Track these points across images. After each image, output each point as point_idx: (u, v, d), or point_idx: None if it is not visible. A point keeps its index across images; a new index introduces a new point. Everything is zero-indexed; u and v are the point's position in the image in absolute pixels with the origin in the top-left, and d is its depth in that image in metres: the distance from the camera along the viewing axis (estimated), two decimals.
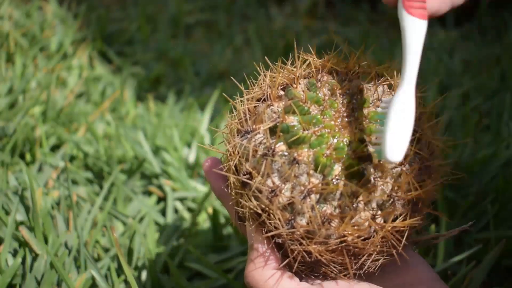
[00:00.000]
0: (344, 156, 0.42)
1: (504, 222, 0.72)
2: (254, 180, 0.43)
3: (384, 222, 0.43)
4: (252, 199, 0.44)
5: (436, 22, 1.39)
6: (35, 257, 0.65)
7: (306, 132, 0.43)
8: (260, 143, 0.44)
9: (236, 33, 1.36)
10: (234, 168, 0.45)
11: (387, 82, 0.47)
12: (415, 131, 0.44)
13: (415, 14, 0.45)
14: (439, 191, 0.46)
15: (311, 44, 1.40)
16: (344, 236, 0.42)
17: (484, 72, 1.15)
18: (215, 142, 0.92)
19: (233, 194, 0.46)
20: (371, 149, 0.43)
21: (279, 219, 0.43)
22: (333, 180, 0.42)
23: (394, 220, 0.43)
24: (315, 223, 0.42)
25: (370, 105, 0.45)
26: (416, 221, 0.43)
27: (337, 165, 0.42)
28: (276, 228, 0.43)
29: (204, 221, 0.79)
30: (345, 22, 1.45)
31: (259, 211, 0.43)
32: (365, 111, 0.45)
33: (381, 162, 0.43)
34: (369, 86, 0.47)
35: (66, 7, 1.30)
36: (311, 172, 0.42)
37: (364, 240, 0.43)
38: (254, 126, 0.45)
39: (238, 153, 0.45)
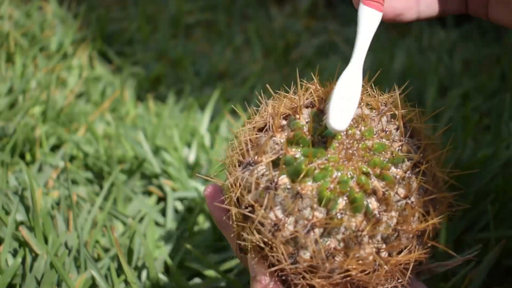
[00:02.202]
0: (348, 189, 0.42)
1: (504, 222, 0.72)
2: (256, 214, 0.43)
3: (389, 255, 0.43)
4: (255, 232, 0.43)
5: (436, 22, 1.39)
6: (35, 257, 0.65)
7: (310, 165, 0.42)
8: (262, 175, 0.43)
9: (236, 33, 1.36)
10: (235, 201, 0.45)
11: (391, 112, 0.47)
12: (420, 163, 0.44)
13: (371, 5, 0.50)
14: (444, 223, 0.46)
15: (311, 44, 1.39)
16: (348, 270, 0.42)
17: (484, 72, 1.15)
18: (215, 143, 0.92)
19: (235, 226, 0.45)
20: (376, 182, 0.42)
21: (282, 253, 0.42)
22: (337, 215, 0.41)
23: (399, 253, 0.43)
24: (319, 257, 0.42)
25: (374, 136, 0.45)
26: (421, 254, 0.43)
27: (341, 199, 0.42)
28: (279, 262, 0.42)
29: (204, 221, 0.79)
30: (345, 22, 1.45)
31: (262, 245, 0.43)
32: (369, 143, 0.44)
33: (333, 139, 0.43)
34: (373, 116, 0.46)
35: (66, 7, 1.30)
36: (315, 206, 0.42)
37: (368, 274, 0.42)
38: (256, 158, 0.44)
39: (240, 185, 0.44)
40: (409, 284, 0.45)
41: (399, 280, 0.44)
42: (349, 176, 0.42)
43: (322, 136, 0.44)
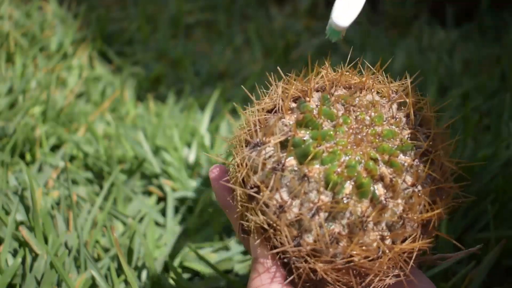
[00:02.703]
0: (356, 174, 0.41)
1: (504, 222, 0.72)
2: (261, 194, 0.42)
3: (393, 243, 0.43)
4: (259, 213, 0.43)
5: (436, 22, 1.39)
6: (35, 257, 0.65)
7: (318, 148, 0.42)
8: (270, 156, 0.43)
9: (236, 33, 1.36)
10: (241, 181, 0.44)
11: (402, 99, 0.46)
12: (428, 152, 0.44)
13: None
14: (449, 213, 0.45)
15: (311, 44, 1.39)
16: (351, 256, 0.41)
17: (484, 72, 1.15)
18: (215, 143, 0.92)
19: (239, 206, 0.45)
20: (383, 168, 0.42)
21: (286, 235, 0.42)
22: (343, 199, 0.41)
23: (403, 241, 0.43)
24: (322, 241, 0.41)
25: (384, 122, 0.45)
26: (425, 243, 0.43)
27: (348, 183, 0.41)
28: (282, 244, 0.42)
29: (204, 221, 0.79)
30: None
31: (266, 226, 0.43)
32: (379, 129, 0.44)
33: (328, 36, 0.42)
34: (384, 103, 0.46)
35: (66, 7, 1.30)
36: (321, 189, 0.41)
37: (371, 260, 0.42)
38: (264, 139, 0.44)
39: (247, 165, 0.44)
40: (413, 274, 0.44)
41: (402, 270, 0.43)
42: (357, 160, 0.42)
43: (332, 120, 0.43)
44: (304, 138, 0.43)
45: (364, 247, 0.42)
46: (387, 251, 0.42)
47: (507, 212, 0.73)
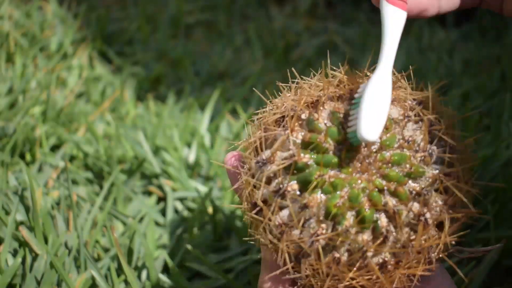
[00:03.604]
0: (358, 205, 0.40)
1: (504, 222, 0.72)
2: (264, 216, 0.42)
3: (396, 267, 0.42)
4: (262, 232, 0.43)
5: (436, 22, 1.39)
6: (35, 257, 0.65)
7: (321, 177, 0.41)
8: (273, 175, 0.43)
9: (236, 33, 1.36)
10: (248, 195, 0.44)
11: (419, 118, 0.44)
12: (441, 178, 0.42)
13: (396, 4, 0.47)
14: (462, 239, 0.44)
15: (311, 44, 1.39)
16: (353, 279, 0.41)
17: (484, 72, 1.15)
18: (215, 143, 0.92)
19: (247, 220, 0.45)
20: (388, 198, 0.41)
21: (286, 258, 0.42)
22: (343, 232, 0.40)
23: (408, 263, 0.42)
24: (320, 268, 0.41)
25: (395, 145, 0.43)
26: (429, 267, 0.42)
27: (349, 213, 0.41)
28: (284, 262, 0.42)
29: (204, 221, 0.79)
30: (345, 22, 1.45)
31: (269, 245, 0.43)
32: (388, 154, 0.42)
33: (354, 146, 0.41)
34: (398, 120, 0.43)
35: (66, 7, 1.30)
36: (321, 218, 0.41)
37: (371, 280, 0.42)
38: (269, 157, 0.43)
39: (250, 183, 0.43)
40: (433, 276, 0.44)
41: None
42: (361, 189, 0.41)
43: (340, 143, 0.42)
44: (308, 163, 0.41)
45: (364, 273, 0.41)
46: (386, 276, 0.41)
47: (507, 212, 0.73)
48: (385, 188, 0.41)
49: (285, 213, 0.42)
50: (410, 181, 0.42)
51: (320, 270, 0.41)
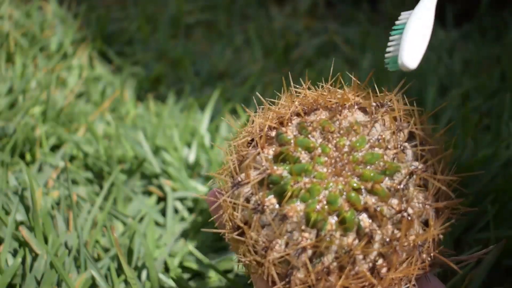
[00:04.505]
0: (337, 208, 0.40)
1: (504, 222, 0.72)
2: (245, 236, 0.42)
3: (388, 269, 0.41)
4: (247, 253, 0.42)
5: (436, 22, 1.39)
6: (35, 257, 0.65)
7: (296, 185, 0.40)
8: (251, 194, 0.42)
9: (236, 33, 1.36)
10: (228, 220, 0.43)
11: (387, 115, 0.44)
12: (416, 171, 0.42)
13: None
14: (448, 230, 0.43)
15: (311, 44, 1.39)
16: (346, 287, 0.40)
17: (484, 72, 1.15)
18: (215, 143, 0.92)
19: (231, 244, 0.44)
20: (367, 197, 0.41)
21: (273, 275, 0.41)
22: (327, 237, 0.40)
23: (401, 263, 0.41)
24: (311, 279, 0.40)
25: (366, 146, 0.43)
26: (422, 267, 0.42)
27: (330, 219, 0.40)
28: (274, 283, 0.41)
29: (204, 221, 0.79)
30: (345, 22, 1.45)
31: (255, 265, 0.42)
32: (360, 154, 0.42)
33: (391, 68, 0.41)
34: (366, 122, 0.44)
35: (66, 7, 1.30)
36: (303, 227, 0.40)
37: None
38: (243, 177, 0.43)
39: (229, 207, 0.43)
40: (422, 277, 0.43)
41: (407, 285, 0.42)
42: (338, 192, 0.40)
43: (311, 151, 0.42)
44: (282, 174, 0.41)
45: (356, 279, 0.40)
46: (377, 283, 0.40)
47: (507, 212, 0.73)
48: (362, 187, 0.41)
49: (267, 230, 0.41)
50: (386, 179, 0.42)
51: (310, 282, 0.40)
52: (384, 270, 0.41)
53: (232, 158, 0.44)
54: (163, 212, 0.82)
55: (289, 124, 0.44)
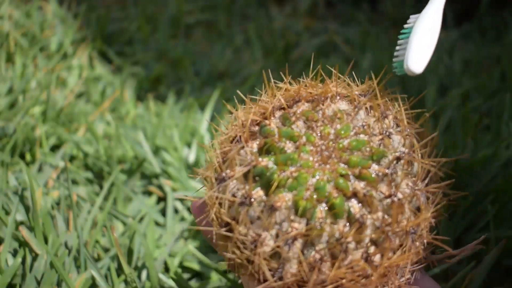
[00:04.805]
0: (326, 195, 0.39)
1: (504, 222, 0.72)
2: (234, 232, 0.41)
3: (382, 258, 0.40)
4: (236, 250, 0.41)
5: None
6: (35, 257, 0.65)
7: (282, 174, 0.40)
8: (238, 189, 0.41)
9: (236, 33, 1.36)
10: (215, 218, 0.42)
11: (370, 103, 0.44)
12: (403, 156, 0.41)
13: None
14: (441, 215, 0.43)
15: (311, 44, 1.39)
16: (340, 279, 0.39)
17: (484, 72, 1.15)
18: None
19: (219, 244, 0.43)
20: (356, 183, 0.40)
21: (264, 271, 0.40)
22: (317, 225, 0.39)
23: (394, 253, 0.41)
24: (304, 271, 0.39)
25: (351, 133, 0.42)
26: (417, 253, 0.41)
27: (319, 207, 0.39)
28: (265, 280, 0.40)
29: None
30: (345, 22, 1.45)
31: (245, 263, 0.41)
32: (346, 141, 0.42)
33: (399, 74, 0.41)
34: (350, 111, 0.44)
35: (66, 7, 1.30)
36: (292, 217, 0.39)
37: (361, 280, 0.40)
38: (228, 172, 0.42)
39: (215, 203, 0.42)
40: (416, 280, 0.43)
41: (402, 279, 0.42)
42: (326, 180, 0.40)
43: (295, 141, 0.42)
44: (268, 166, 0.41)
45: (350, 269, 0.39)
46: (372, 271, 0.40)
47: (507, 212, 0.73)
48: (350, 173, 0.40)
49: (255, 224, 0.40)
50: (373, 164, 0.41)
51: (303, 273, 0.39)
52: (377, 257, 0.40)
53: (216, 154, 0.44)
54: (163, 212, 0.82)
55: (272, 117, 0.44)
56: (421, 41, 0.42)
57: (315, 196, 0.39)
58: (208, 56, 1.25)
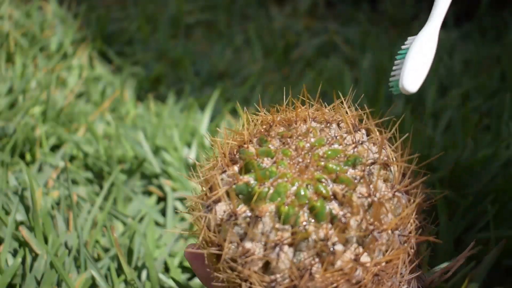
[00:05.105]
0: (306, 201, 0.41)
1: (504, 222, 0.72)
2: (224, 249, 0.41)
3: (370, 257, 0.41)
4: (228, 270, 0.42)
5: None
6: (35, 257, 0.65)
7: (263, 186, 0.41)
8: (223, 211, 0.43)
9: (236, 33, 1.36)
10: (204, 242, 0.43)
11: (340, 119, 0.46)
12: (377, 160, 0.43)
13: None
14: (424, 210, 0.44)
15: (311, 44, 1.39)
16: (332, 284, 0.40)
17: (484, 72, 1.15)
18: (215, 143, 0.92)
19: (212, 267, 0.44)
20: (334, 186, 0.41)
21: (258, 283, 0.40)
22: (301, 228, 0.40)
23: (383, 254, 0.41)
24: (295, 277, 0.40)
25: (325, 144, 0.44)
26: (403, 250, 0.41)
27: (301, 212, 0.40)
28: None
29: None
30: (345, 22, 1.45)
31: (238, 281, 0.41)
32: (321, 152, 0.43)
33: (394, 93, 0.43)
34: (322, 127, 0.46)
35: (66, 7, 1.30)
36: (277, 225, 0.40)
37: (356, 283, 0.40)
38: (213, 197, 0.43)
39: (203, 227, 0.43)
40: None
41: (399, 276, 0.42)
42: (305, 187, 0.41)
43: (273, 157, 0.43)
44: (249, 182, 0.42)
45: (340, 271, 0.40)
46: (362, 270, 0.40)
47: (507, 212, 0.73)
48: (328, 178, 0.42)
49: (244, 241, 0.41)
50: (350, 169, 0.43)
51: (294, 279, 0.40)
52: (365, 258, 0.41)
53: (200, 181, 0.46)
54: (163, 212, 0.82)
55: (250, 143, 0.46)
56: (416, 61, 0.43)
57: (296, 202, 0.41)
58: (208, 56, 1.25)
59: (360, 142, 0.44)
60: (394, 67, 0.45)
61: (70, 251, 0.67)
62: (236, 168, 0.44)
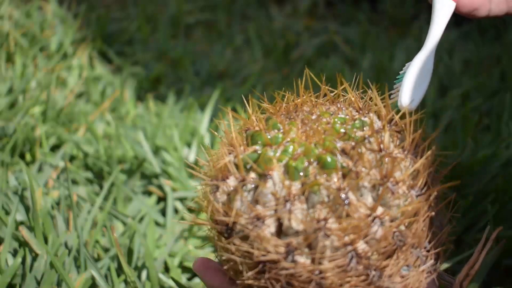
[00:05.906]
0: (316, 155, 0.40)
1: (504, 222, 0.72)
2: (230, 215, 0.40)
3: (386, 213, 0.39)
4: (241, 242, 0.40)
5: None
6: (35, 257, 0.65)
7: (270, 149, 0.41)
8: (232, 185, 0.41)
9: (236, 33, 1.36)
10: (212, 221, 0.42)
11: (345, 97, 0.47)
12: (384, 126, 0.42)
13: None
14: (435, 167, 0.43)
15: (311, 44, 1.39)
16: (351, 242, 0.38)
17: (484, 72, 1.15)
18: (215, 143, 0.92)
19: (222, 259, 0.42)
20: (343, 143, 0.41)
21: (273, 250, 0.38)
22: (311, 179, 0.39)
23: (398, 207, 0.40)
24: (310, 230, 0.38)
25: (331, 115, 0.44)
26: (420, 202, 0.40)
27: (311, 167, 0.40)
28: (275, 261, 0.38)
29: (204, 221, 0.79)
30: (345, 22, 1.45)
31: (248, 260, 0.39)
32: (326, 119, 0.43)
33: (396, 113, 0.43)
34: (327, 107, 0.46)
35: (66, 7, 1.30)
36: (287, 182, 0.39)
37: (377, 241, 0.38)
38: (219, 175, 0.42)
39: (211, 203, 0.42)
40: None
41: (425, 265, 0.41)
42: (314, 146, 0.41)
43: (277, 128, 0.43)
44: (257, 150, 0.41)
45: (355, 225, 0.37)
46: (380, 223, 0.38)
47: (507, 212, 0.73)
48: (336, 138, 0.41)
49: (254, 205, 0.40)
50: (358, 131, 0.43)
51: (308, 235, 0.38)
52: (381, 210, 0.39)
53: (210, 163, 0.45)
54: (163, 212, 0.82)
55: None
56: (413, 81, 0.46)
57: (305, 158, 0.40)
58: (208, 56, 1.25)
59: (367, 112, 0.45)
60: (392, 91, 0.47)
61: (70, 251, 0.67)
62: (242, 147, 0.43)
